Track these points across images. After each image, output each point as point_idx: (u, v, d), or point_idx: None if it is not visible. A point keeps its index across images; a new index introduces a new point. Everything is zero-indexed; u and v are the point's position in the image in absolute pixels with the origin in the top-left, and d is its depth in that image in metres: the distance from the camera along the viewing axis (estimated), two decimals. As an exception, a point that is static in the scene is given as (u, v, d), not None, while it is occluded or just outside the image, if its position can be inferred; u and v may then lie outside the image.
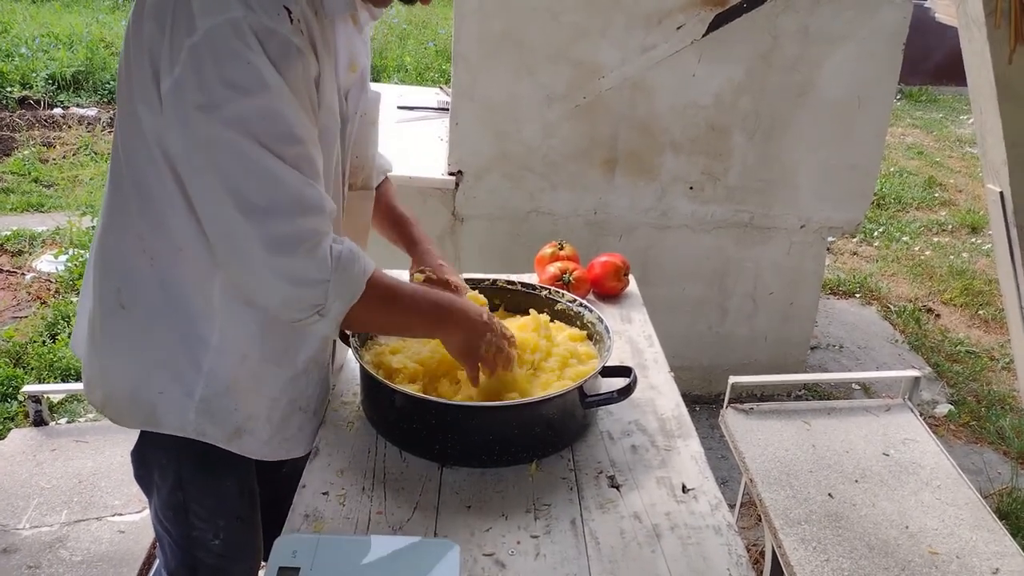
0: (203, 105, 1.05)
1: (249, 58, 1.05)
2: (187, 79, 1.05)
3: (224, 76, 1.04)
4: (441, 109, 3.69)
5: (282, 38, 1.07)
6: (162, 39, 1.07)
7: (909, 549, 1.76)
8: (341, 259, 1.14)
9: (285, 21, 1.08)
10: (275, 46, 1.07)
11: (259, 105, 1.06)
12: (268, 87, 1.06)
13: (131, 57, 1.13)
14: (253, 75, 1.05)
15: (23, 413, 3.02)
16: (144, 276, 1.22)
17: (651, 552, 1.16)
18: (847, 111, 3.01)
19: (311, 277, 1.12)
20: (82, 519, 1.75)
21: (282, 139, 1.09)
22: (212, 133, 1.06)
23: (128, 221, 1.22)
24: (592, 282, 1.89)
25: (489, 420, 1.31)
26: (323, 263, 1.12)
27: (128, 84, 1.15)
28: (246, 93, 1.05)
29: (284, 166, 1.09)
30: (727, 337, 3.39)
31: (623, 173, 3.03)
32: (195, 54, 1.04)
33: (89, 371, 1.33)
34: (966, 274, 4.72)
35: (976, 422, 3.37)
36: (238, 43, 1.04)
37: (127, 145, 1.18)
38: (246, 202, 1.09)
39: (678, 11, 2.81)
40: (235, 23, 1.04)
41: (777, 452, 2.06)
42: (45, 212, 4.93)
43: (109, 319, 1.26)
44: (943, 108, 8.63)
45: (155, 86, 1.10)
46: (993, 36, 1.84)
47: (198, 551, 1.40)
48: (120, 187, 1.21)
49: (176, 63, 1.05)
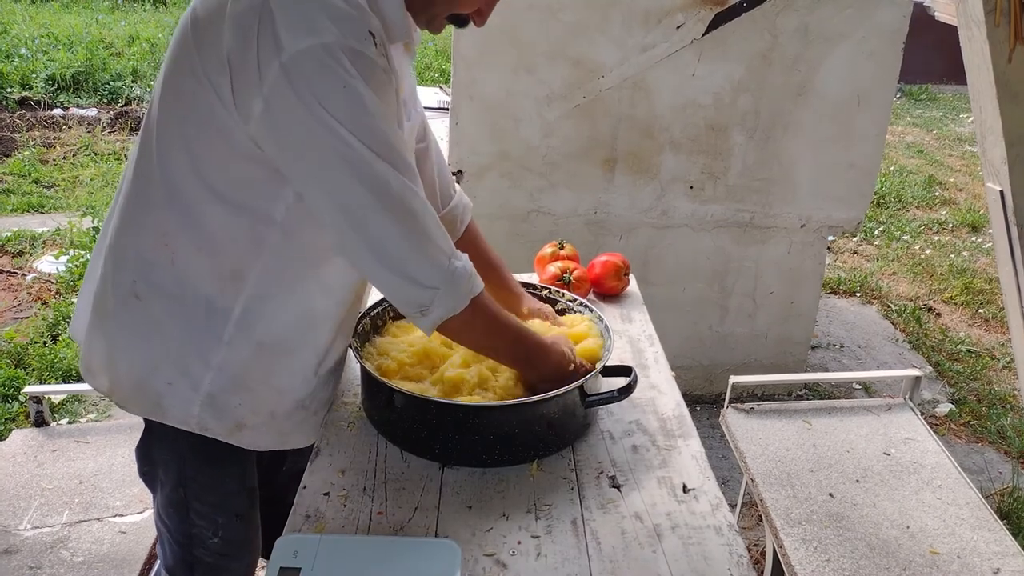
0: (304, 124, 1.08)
1: (346, 81, 1.07)
2: (279, 100, 1.07)
3: (319, 97, 1.07)
4: (441, 109, 3.70)
5: (370, 61, 1.10)
6: (245, 52, 1.08)
7: (910, 549, 1.76)
8: (455, 273, 1.19)
9: (371, 44, 1.11)
10: (366, 69, 1.09)
11: (365, 123, 1.09)
12: (367, 107, 1.09)
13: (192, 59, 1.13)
14: (353, 97, 1.08)
15: (24, 414, 3.02)
16: (163, 270, 1.23)
17: (652, 552, 1.16)
18: (847, 110, 3.01)
19: (424, 281, 1.17)
20: (83, 520, 1.75)
21: (390, 153, 1.12)
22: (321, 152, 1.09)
23: (151, 216, 1.23)
24: (592, 281, 1.89)
25: (490, 420, 1.31)
26: (439, 271, 1.18)
27: (180, 86, 1.15)
28: (348, 113, 1.08)
29: (395, 173, 1.13)
30: (727, 336, 3.39)
31: (623, 172, 3.03)
32: (286, 75, 1.06)
33: (93, 356, 1.34)
34: (967, 273, 4.72)
35: (977, 421, 3.37)
36: (333, 65, 1.06)
37: (163, 144, 1.20)
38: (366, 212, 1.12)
39: (678, 10, 2.81)
40: (327, 47, 1.06)
41: (778, 452, 2.06)
42: (45, 213, 4.93)
43: (122, 308, 1.27)
44: (943, 107, 8.63)
45: (231, 95, 1.11)
46: (993, 35, 1.84)
47: (196, 548, 1.41)
48: (147, 182, 1.23)
49: (265, 81, 1.07)
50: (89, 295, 1.34)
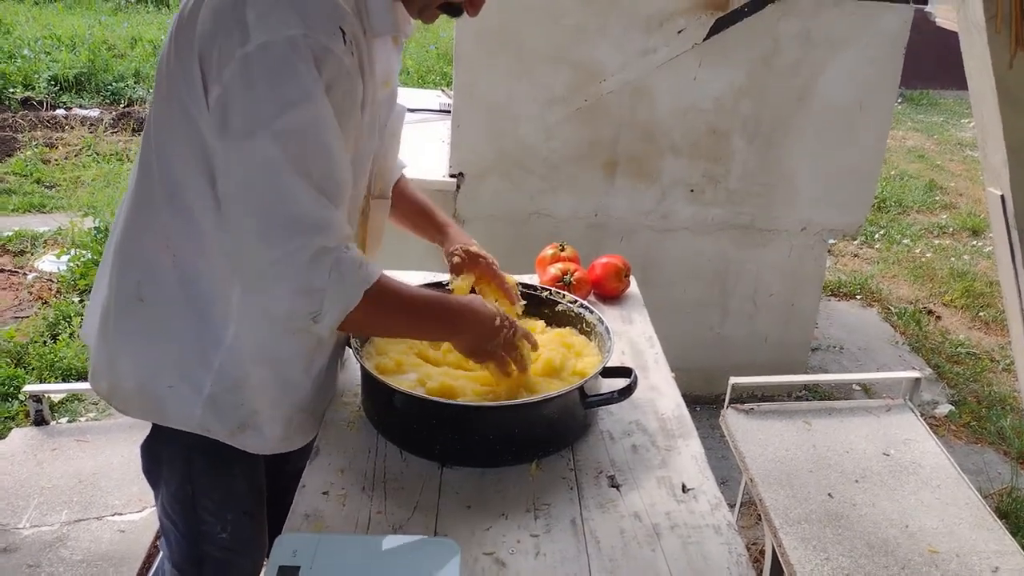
0: (248, 116, 1.06)
1: (302, 77, 1.06)
2: (236, 89, 1.06)
3: (274, 91, 1.05)
4: (442, 111, 3.70)
5: (336, 59, 1.08)
6: (214, 43, 1.07)
7: (909, 548, 1.76)
8: (340, 267, 1.13)
9: (339, 42, 1.09)
10: (329, 67, 1.08)
11: (301, 123, 1.07)
12: (315, 107, 1.07)
13: (179, 52, 1.13)
14: (302, 93, 1.06)
15: (24, 412, 3.03)
16: (165, 272, 1.23)
17: (651, 551, 1.16)
18: (848, 115, 3.02)
19: (309, 286, 1.12)
20: (82, 518, 1.75)
21: (315, 161, 1.09)
22: (251, 145, 1.07)
23: (154, 216, 1.23)
24: (593, 283, 1.89)
25: (489, 420, 1.32)
26: (322, 273, 1.12)
27: (171, 79, 1.14)
28: (292, 109, 1.06)
29: (309, 188, 1.09)
30: (728, 339, 3.39)
31: (624, 176, 3.04)
32: (247, 65, 1.05)
33: (97, 360, 1.34)
34: (967, 276, 4.73)
35: (976, 422, 3.37)
36: (294, 60, 1.05)
37: (161, 140, 1.19)
38: (264, 215, 1.09)
39: (679, 15, 2.82)
40: (293, 41, 1.05)
41: (777, 452, 2.07)
42: (47, 213, 4.94)
43: (125, 311, 1.27)
44: (944, 112, 8.64)
45: (202, 87, 1.10)
46: (994, 41, 1.85)
47: (205, 544, 1.41)
48: (149, 181, 1.22)
49: (225, 70, 1.06)
50: (99, 298, 1.34)
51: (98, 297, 1.35)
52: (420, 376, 1.40)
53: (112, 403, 1.34)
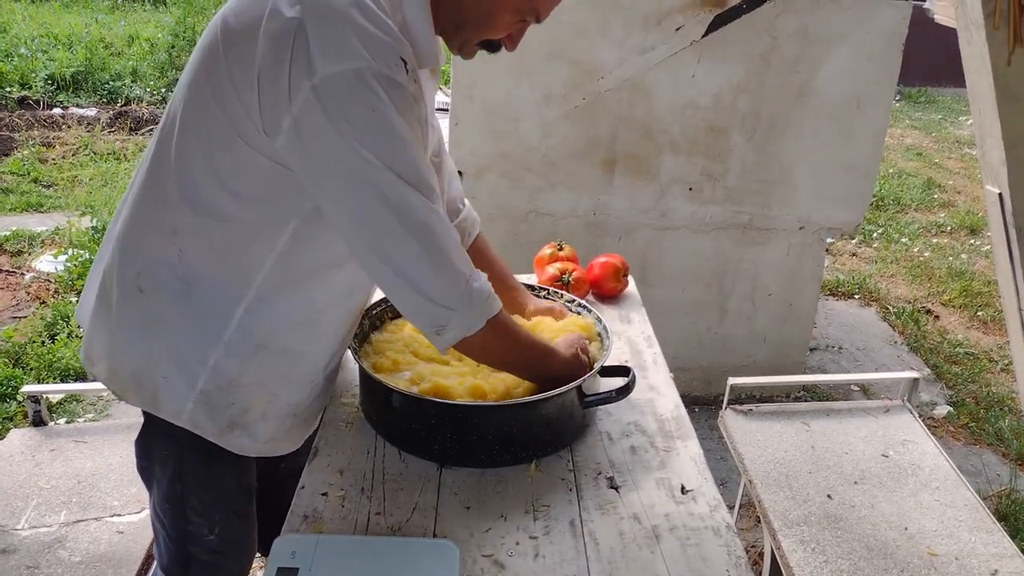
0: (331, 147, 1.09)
1: (375, 106, 1.08)
2: (310, 120, 1.08)
3: (349, 121, 1.07)
4: (441, 110, 3.69)
5: (401, 87, 1.10)
6: (277, 71, 1.08)
7: (908, 550, 1.76)
8: (472, 294, 1.20)
9: (402, 71, 1.11)
10: (397, 95, 1.10)
11: (393, 147, 1.10)
12: (397, 132, 1.10)
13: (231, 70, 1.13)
14: (381, 123, 1.09)
15: (22, 413, 3.02)
16: (169, 268, 1.24)
17: (650, 553, 1.16)
18: (846, 112, 3.02)
19: (442, 302, 1.18)
20: (81, 519, 1.75)
21: (415, 176, 1.13)
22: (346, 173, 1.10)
23: (163, 214, 1.23)
24: (591, 283, 1.89)
25: (488, 420, 1.31)
26: (456, 292, 1.19)
27: (218, 91, 1.15)
28: (378, 136, 1.09)
29: (417, 194, 1.14)
30: (726, 338, 3.39)
31: (622, 174, 3.04)
32: (319, 96, 1.06)
33: (94, 344, 1.34)
34: (965, 275, 4.73)
35: (975, 424, 3.37)
36: (364, 91, 1.07)
37: (187, 142, 1.20)
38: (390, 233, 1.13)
39: (677, 12, 2.82)
40: (360, 73, 1.06)
41: (776, 453, 2.06)
42: (44, 212, 4.93)
43: (125, 300, 1.28)
44: (942, 109, 8.65)
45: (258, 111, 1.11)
46: (992, 38, 1.84)
47: (192, 546, 1.41)
48: (162, 181, 1.23)
49: (295, 101, 1.08)
50: (96, 279, 1.35)
51: (94, 282, 1.36)
52: (414, 375, 1.41)
53: (110, 386, 1.35)
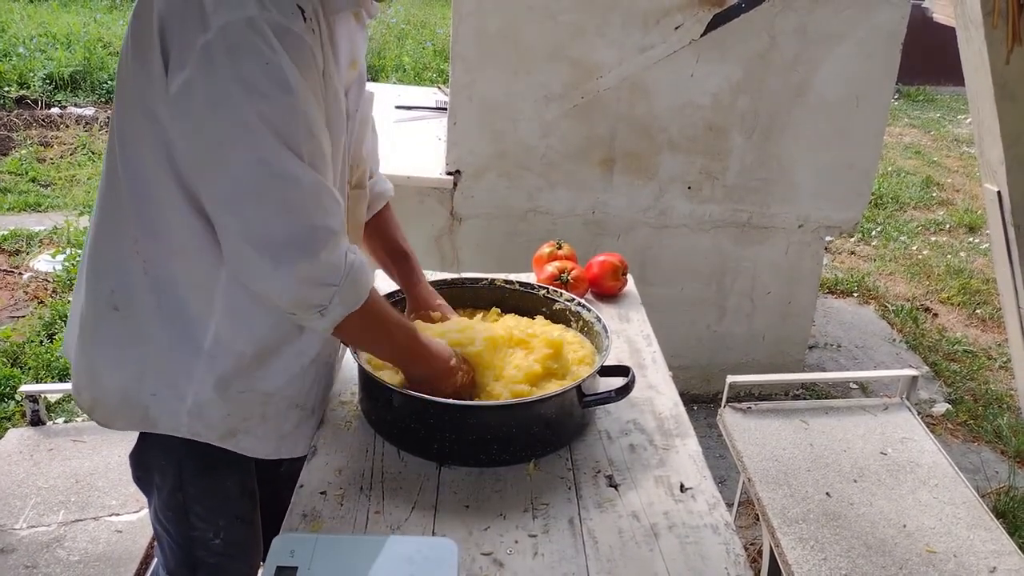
0: (217, 104, 1.04)
1: (268, 57, 1.04)
2: (199, 78, 1.04)
3: (241, 75, 1.03)
4: (439, 109, 3.69)
5: (296, 36, 1.07)
6: (173, 37, 1.05)
7: (906, 548, 1.76)
8: (353, 268, 1.15)
9: (299, 19, 1.07)
10: (291, 44, 1.06)
11: (281, 103, 1.06)
12: (289, 86, 1.06)
13: (136, 54, 1.11)
14: (274, 74, 1.05)
15: (20, 413, 3.02)
16: (137, 279, 1.21)
17: (649, 551, 1.16)
18: (845, 111, 3.02)
19: (323, 280, 1.13)
20: (79, 519, 1.75)
21: (300, 136, 1.08)
22: (226, 133, 1.05)
23: (122, 223, 1.20)
24: (590, 281, 1.89)
25: (487, 419, 1.31)
26: (337, 268, 1.14)
27: (131, 82, 1.12)
28: (266, 92, 1.05)
29: (302, 164, 1.09)
30: (725, 336, 3.39)
31: (621, 173, 3.04)
32: (208, 52, 1.03)
33: (78, 374, 1.32)
34: (964, 273, 4.73)
35: (973, 421, 3.38)
36: (256, 41, 1.03)
37: (126, 145, 1.17)
38: (262, 203, 1.08)
39: (676, 11, 2.81)
40: (251, 21, 1.03)
41: (775, 451, 2.07)
42: (42, 212, 4.92)
43: (101, 321, 1.25)
44: (941, 108, 8.64)
45: (164, 81, 1.08)
46: (991, 36, 1.84)
47: (198, 550, 1.40)
48: (115, 188, 1.20)
49: (187, 62, 1.04)
50: (77, 311, 1.32)
51: (76, 309, 1.33)
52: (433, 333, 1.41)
53: (94, 416, 1.31)
